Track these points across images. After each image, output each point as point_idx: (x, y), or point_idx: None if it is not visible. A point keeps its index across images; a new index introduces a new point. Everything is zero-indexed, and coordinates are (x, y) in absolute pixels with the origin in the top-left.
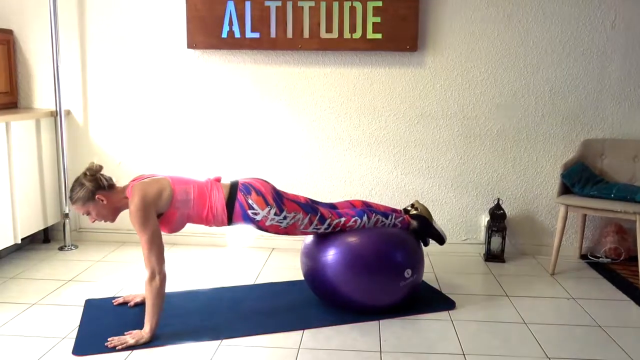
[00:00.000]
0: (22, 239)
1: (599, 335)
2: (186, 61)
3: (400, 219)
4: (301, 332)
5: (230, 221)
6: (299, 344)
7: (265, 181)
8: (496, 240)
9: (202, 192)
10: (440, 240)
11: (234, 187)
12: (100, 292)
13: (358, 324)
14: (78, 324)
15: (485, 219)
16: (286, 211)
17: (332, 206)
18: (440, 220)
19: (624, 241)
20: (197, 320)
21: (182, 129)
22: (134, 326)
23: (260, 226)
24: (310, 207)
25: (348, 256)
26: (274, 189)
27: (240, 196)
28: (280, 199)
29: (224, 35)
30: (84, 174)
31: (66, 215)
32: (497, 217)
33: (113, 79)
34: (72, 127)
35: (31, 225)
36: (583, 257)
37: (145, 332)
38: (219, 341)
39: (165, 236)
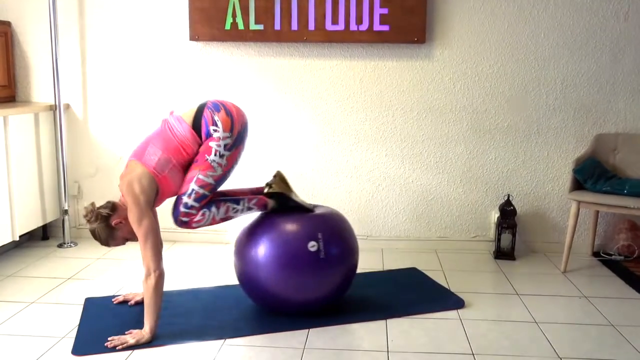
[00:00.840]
0: (20, 236)
1: (612, 335)
2: (188, 53)
3: (254, 201)
4: (306, 331)
5: (202, 142)
6: (304, 343)
7: (243, 113)
8: (506, 237)
9: (165, 138)
10: (305, 210)
11: (201, 107)
12: (100, 291)
13: (364, 323)
14: (77, 323)
15: (495, 215)
16: (228, 156)
17: (223, 196)
18: (449, 217)
19: (638, 238)
20: (199, 319)
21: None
22: (135, 325)
23: (205, 146)
24: (222, 184)
25: (268, 256)
26: (245, 124)
27: (207, 113)
28: (240, 141)
29: (227, 27)
30: (87, 221)
31: (65, 212)
32: (507, 214)
33: (114, 72)
34: (71, 122)
35: (29, 222)
36: (595, 254)
37: (145, 331)
38: (222, 341)
39: (167, 234)
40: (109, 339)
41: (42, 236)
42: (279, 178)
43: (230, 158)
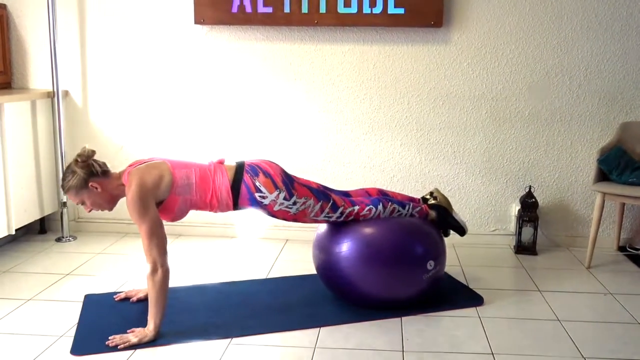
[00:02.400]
0: (17, 230)
1: (638, 333)
2: (193, 38)
3: (418, 208)
4: (317, 329)
5: (235, 205)
6: (315, 342)
7: (274, 163)
8: (527, 231)
9: (205, 175)
10: (461, 231)
11: (239, 169)
12: (100, 287)
13: (378, 321)
14: (77, 321)
15: (515, 208)
16: (296, 196)
17: (345, 194)
18: (467, 210)
19: None
20: (205, 317)
21: (188, 110)
22: (137, 323)
23: (269, 211)
24: (322, 193)
25: (364, 248)
26: (283, 171)
27: (246, 178)
28: (290, 183)
29: (235, 9)
30: (75, 160)
31: (64, 204)
32: (529, 206)
33: (114, 57)
34: (70, 109)
35: (26, 215)
36: (621, 249)
37: (149, 330)
38: (229, 340)
39: (170, 227)
40: (110, 337)
41: (39, 230)
42: (440, 193)
43: (298, 193)
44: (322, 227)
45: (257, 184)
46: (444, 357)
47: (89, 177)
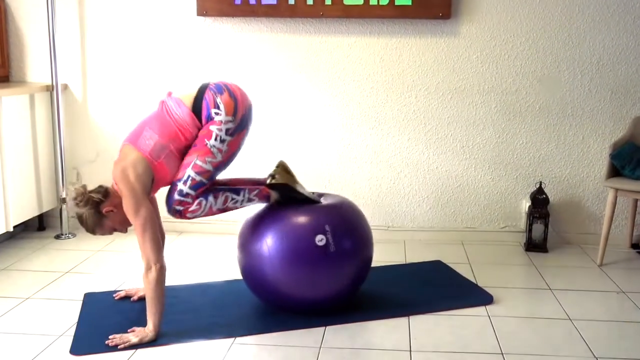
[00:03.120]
0: (15, 227)
1: None
2: (196, 30)
3: (255, 192)
4: (323, 329)
5: (203, 126)
6: (320, 342)
7: (246, 95)
8: (538, 228)
9: (161, 121)
10: (312, 202)
11: (202, 89)
12: (100, 285)
13: (385, 320)
14: (76, 320)
15: (526, 204)
16: (230, 141)
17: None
18: (476, 206)
19: None
20: (207, 316)
21: None
22: (138, 323)
23: (205, 130)
24: (221, 171)
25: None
26: (249, 108)
27: (208, 95)
28: (244, 126)
29: (238, 1)
30: (76, 204)
31: (63, 201)
32: (539, 203)
33: (115, 50)
34: (69, 103)
35: (24, 211)
36: (634, 246)
37: (149, 329)
38: (232, 339)
39: (172, 224)
40: (110, 337)
41: (38, 226)
42: (282, 168)
43: (232, 144)
44: (243, 227)
45: (218, 100)
46: (453, 357)
47: (97, 207)
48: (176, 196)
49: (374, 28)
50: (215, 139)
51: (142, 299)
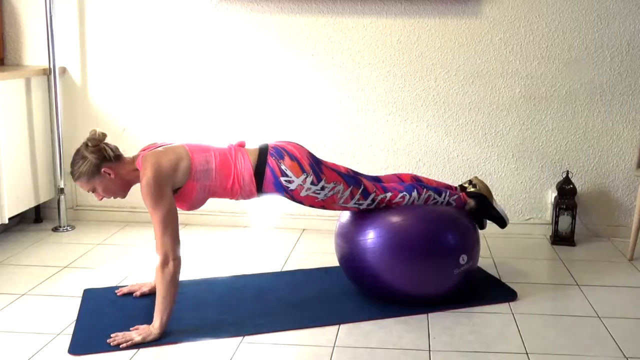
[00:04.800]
0: (10, 219)
1: None
2: (202, 10)
3: (455, 197)
4: (336, 327)
5: (260, 191)
6: (334, 341)
7: (300, 145)
8: (565, 220)
9: (225, 159)
10: (502, 223)
11: (263, 152)
12: (101, 281)
13: (403, 318)
14: (75, 317)
15: (552, 195)
16: (325, 180)
17: (376, 179)
18: (499, 197)
19: None
20: (214, 313)
21: (197, 88)
22: (141, 320)
23: (294, 197)
24: (353, 178)
25: (392, 238)
26: (310, 154)
27: (271, 161)
28: (318, 166)
29: None
30: (85, 144)
31: (61, 191)
32: (566, 193)
33: (116, 32)
34: (68, 87)
35: (20, 202)
36: None
37: (154, 327)
38: (241, 338)
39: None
40: (112, 335)
41: (34, 218)
42: (480, 181)
43: (327, 177)
44: (345, 215)
45: (283, 167)
46: (474, 357)
47: (101, 162)
48: (370, 210)
49: (391, 8)
50: (318, 193)
51: (145, 295)
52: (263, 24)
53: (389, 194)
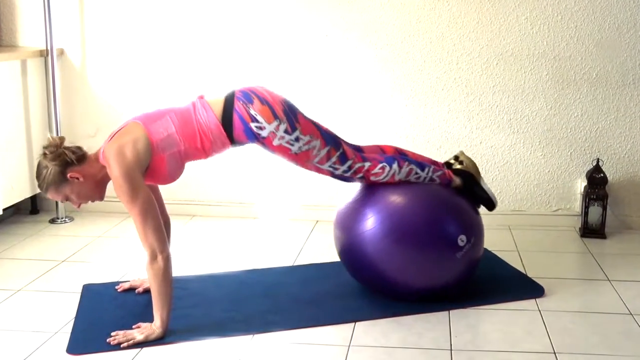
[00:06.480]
0: (5, 210)
1: None
2: None
3: (439, 172)
4: (352, 325)
5: (232, 141)
6: (350, 340)
7: (274, 91)
8: (595, 211)
9: (185, 118)
10: (490, 204)
11: (229, 98)
12: (101, 276)
13: (422, 315)
14: (74, 315)
15: (581, 184)
16: (300, 131)
17: (357, 148)
18: (525, 187)
19: None
20: (222, 310)
21: (200, 70)
22: (143, 318)
23: (267, 145)
24: (332, 138)
25: (389, 225)
26: (285, 101)
27: (238, 106)
28: (293, 115)
29: None
30: (43, 154)
31: None
32: (597, 182)
33: (117, 11)
34: (66, 70)
35: (16, 192)
36: None
37: (156, 325)
38: (250, 336)
39: (183, 207)
40: (113, 334)
41: (31, 210)
42: (467, 157)
43: (303, 128)
44: (343, 205)
45: (252, 112)
46: (498, 357)
47: (65, 167)
48: (344, 179)
49: None
50: (291, 144)
51: (148, 291)
52: (272, 4)
53: (367, 164)
